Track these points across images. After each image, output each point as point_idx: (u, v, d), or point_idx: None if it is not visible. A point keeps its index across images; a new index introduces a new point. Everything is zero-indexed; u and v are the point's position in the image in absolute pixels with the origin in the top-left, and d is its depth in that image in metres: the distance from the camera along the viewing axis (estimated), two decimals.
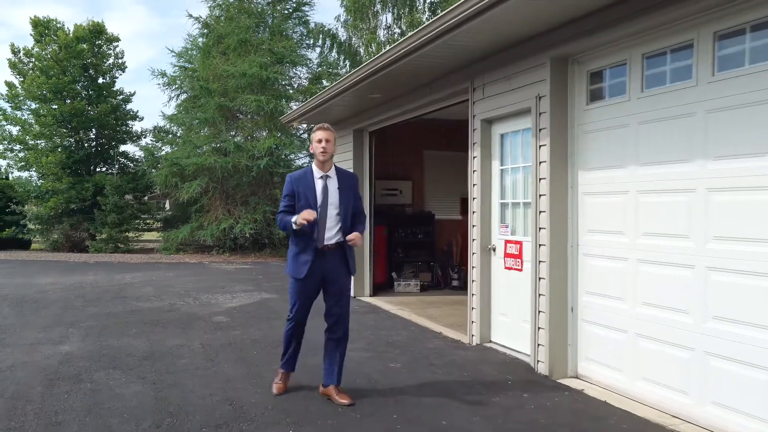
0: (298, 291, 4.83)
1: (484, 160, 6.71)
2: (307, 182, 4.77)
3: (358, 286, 10.55)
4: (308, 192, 4.74)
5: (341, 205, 4.79)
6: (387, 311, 9.14)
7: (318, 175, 4.80)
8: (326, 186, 4.78)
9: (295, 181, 4.81)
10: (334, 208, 4.76)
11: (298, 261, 4.78)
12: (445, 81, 7.37)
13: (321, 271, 4.78)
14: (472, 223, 6.90)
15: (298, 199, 4.76)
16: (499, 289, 6.59)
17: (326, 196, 4.76)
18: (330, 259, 4.79)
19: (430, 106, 8.21)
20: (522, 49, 5.88)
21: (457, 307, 9.52)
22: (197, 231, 19.24)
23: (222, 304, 9.84)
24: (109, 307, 9.48)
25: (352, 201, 4.88)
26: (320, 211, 4.69)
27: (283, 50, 19.62)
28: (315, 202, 4.72)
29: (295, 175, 4.86)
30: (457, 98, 7.49)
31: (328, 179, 4.81)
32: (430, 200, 12.34)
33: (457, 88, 7.19)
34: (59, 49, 21.51)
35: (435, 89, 7.66)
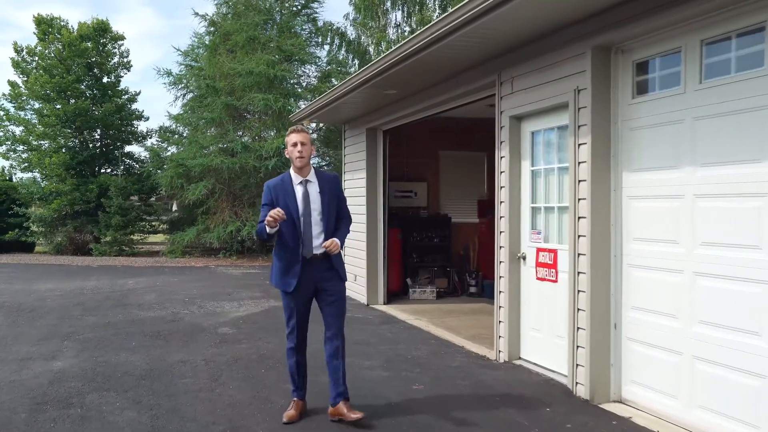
0: (291, 305, 4.58)
1: (512, 160, 6.15)
2: (286, 189, 4.53)
3: (372, 294, 10.01)
4: (288, 199, 4.50)
5: (324, 210, 4.55)
6: (403, 321, 8.59)
7: (297, 181, 4.55)
8: (306, 191, 4.54)
9: (273, 188, 4.56)
10: (317, 214, 4.53)
11: (285, 273, 4.54)
12: (468, 75, 6.82)
13: (311, 281, 4.54)
14: (499, 229, 6.34)
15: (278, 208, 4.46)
16: (530, 302, 6.02)
17: (308, 202, 4.52)
18: (319, 268, 4.54)
19: (451, 102, 7.65)
20: (558, 37, 5.32)
21: (478, 317, 8.96)
22: (203, 234, 18.74)
23: (228, 312, 9.31)
24: (108, 316, 8.96)
25: (335, 204, 4.63)
26: (303, 219, 4.48)
27: (292, 48, 19.10)
28: (296, 209, 4.49)
29: (272, 183, 4.60)
30: (481, 93, 6.94)
31: (308, 184, 4.57)
32: (446, 202, 11.78)
33: (482, 83, 6.63)
34: (63, 48, 21.05)
35: (457, 84, 7.10)
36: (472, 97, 7.20)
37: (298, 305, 4.56)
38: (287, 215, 4.37)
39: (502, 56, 6.14)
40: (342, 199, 4.75)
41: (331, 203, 4.59)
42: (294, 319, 4.59)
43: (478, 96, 7.04)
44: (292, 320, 4.60)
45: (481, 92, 6.93)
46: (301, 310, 4.59)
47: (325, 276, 4.55)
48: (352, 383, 5.39)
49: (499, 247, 6.34)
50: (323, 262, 4.55)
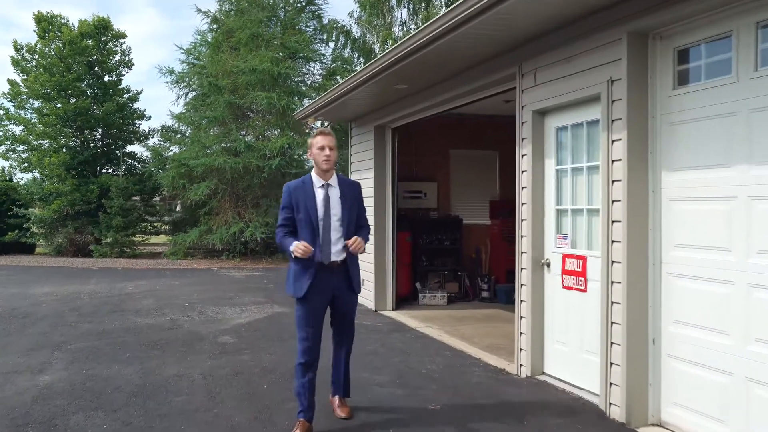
0: (304, 315, 4.36)
1: (535, 158, 5.67)
2: (307, 192, 4.40)
3: (380, 299, 9.54)
4: (308, 202, 4.36)
5: (345, 216, 4.42)
6: (414, 329, 8.11)
7: (318, 184, 4.43)
8: (327, 195, 4.41)
9: (293, 191, 4.43)
10: (337, 220, 4.40)
11: (298, 278, 4.36)
12: (486, 67, 6.34)
13: (327, 288, 4.40)
14: (520, 233, 5.86)
15: (297, 211, 4.38)
16: (555, 312, 5.54)
17: (328, 206, 4.39)
18: (336, 276, 4.41)
19: (466, 97, 7.18)
20: (589, 23, 4.84)
21: (492, 324, 8.49)
22: (206, 235, 18.29)
23: (229, 319, 8.85)
24: (104, 323, 8.51)
25: (356, 212, 4.52)
26: (322, 223, 4.35)
27: (296, 45, 18.64)
28: (315, 213, 4.35)
29: (293, 185, 4.48)
30: (499, 87, 6.47)
31: (329, 188, 4.43)
32: (457, 203, 11.30)
33: (500, 75, 6.15)
34: (63, 46, 20.63)
35: (473, 77, 6.63)
36: (489, 91, 6.73)
37: (311, 313, 4.34)
38: (306, 217, 4.31)
39: (524, 46, 5.67)
40: (363, 209, 4.62)
41: (352, 209, 4.46)
42: (306, 330, 4.33)
43: (496, 90, 6.57)
44: (304, 332, 4.34)
45: (500, 86, 6.46)
46: (315, 320, 4.37)
47: (340, 284, 4.42)
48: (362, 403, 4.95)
49: (520, 252, 5.86)
50: (341, 269, 4.41)
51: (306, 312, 4.34)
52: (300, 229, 4.36)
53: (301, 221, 4.35)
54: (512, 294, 10.49)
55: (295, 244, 4.19)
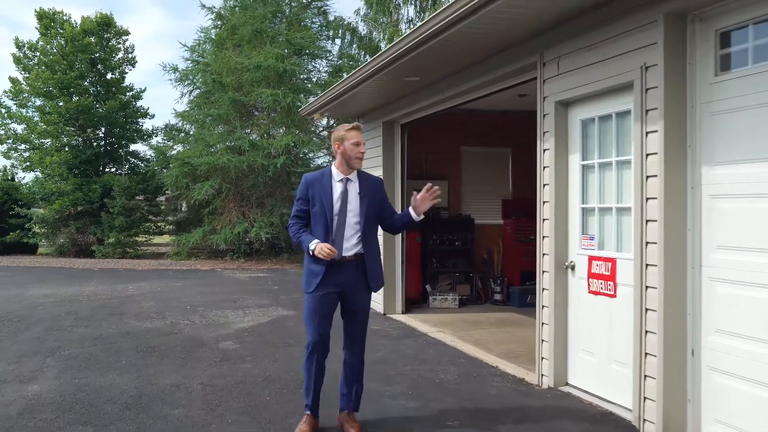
0: (311, 308, 4.27)
1: (558, 153, 5.28)
2: (324, 185, 4.28)
3: (389, 302, 9.16)
4: (324, 196, 4.25)
5: (362, 212, 4.28)
6: (425, 334, 7.73)
7: (338, 178, 4.30)
8: (346, 190, 4.28)
9: (310, 183, 4.32)
10: (353, 216, 4.27)
11: (309, 273, 4.27)
12: (503, 56, 5.95)
13: (337, 285, 4.25)
14: (542, 234, 5.47)
15: (312, 204, 4.28)
16: (580, 319, 5.15)
17: (345, 201, 4.26)
18: (348, 273, 4.26)
19: (481, 89, 6.80)
20: (620, 5, 4.45)
21: (507, 329, 8.11)
22: (210, 235, 17.93)
23: (232, 323, 8.48)
24: (101, 327, 8.16)
25: (375, 209, 4.36)
26: (337, 218, 4.23)
27: (302, 41, 18.27)
28: (331, 208, 4.24)
29: (311, 177, 4.37)
30: (518, 77, 6.08)
31: (348, 183, 4.31)
32: (468, 202, 10.91)
33: (520, 64, 5.77)
34: (65, 43, 20.31)
35: (489, 67, 6.24)
36: (506, 83, 6.34)
37: (320, 308, 4.24)
38: (320, 211, 4.21)
39: (546, 32, 5.28)
40: (388, 202, 4.53)
41: (371, 206, 4.31)
42: (314, 322, 4.25)
43: (514, 81, 6.18)
44: (312, 325, 4.26)
45: (518, 76, 6.07)
46: (324, 316, 4.26)
47: (352, 281, 4.28)
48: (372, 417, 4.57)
49: (542, 254, 5.48)
50: (354, 265, 4.27)
51: (313, 306, 4.24)
52: (314, 223, 4.26)
53: (315, 215, 4.24)
54: (527, 297, 10.13)
55: (319, 247, 4.07)
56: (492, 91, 6.73)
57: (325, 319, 4.27)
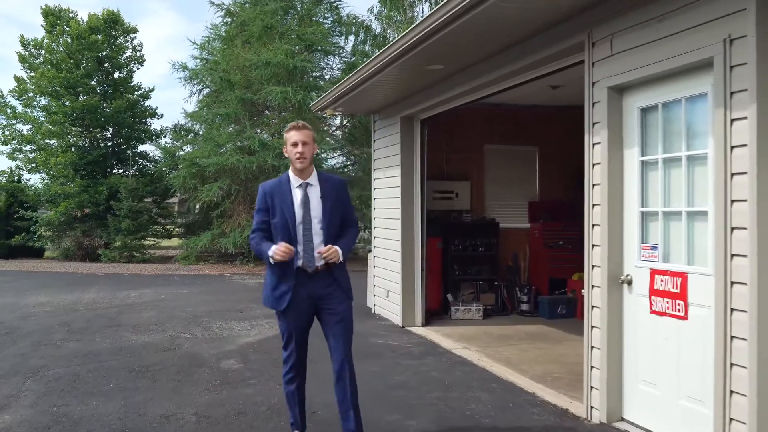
0: (286, 325, 4.02)
1: (612, 147, 4.49)
2: (283, 193, 3.97)
3: (408, 314, 8.40)
4: (284, 205, 3.94)
5: (326, 217, 3.98)
6: (449, 352, 6.96)
7: (296, 184, 3.99)
8: (306, 196, 3.98)
9: (269, 192, 4.01)
10: (318, 222, 3.97)
11: (276, 289, 3.97)
12: (542, 37, 5.18)
13: (311, 298, 3.96)
14: (591, 242, 4.68)
15: (273, 214, 3.97)
16: (639, 344, 4.36)
17: (307, 208, 3.96)
18: (319, 283, 3.97)
19: (514, 78, 6.02)
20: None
21: (539, 345, 7.32)
22: (218, 239, 17.25)
23: (236, 337, 7.76)
24: (94, 341, 7.47)
25: (339, 212, 4.06)
26: (302, 227, 3.94)
27: (313, 36, 17.55)
28: (293, 216, 3.93)
29: (267, 186, 4.07)
30: (559, 62, 5.29)
31: (308, 187, 4.00)
32: (492, 205, 10.12)
33: (562, 46, 4.99)
34: (71, 41, 19.73)
35: (525, 51, 5.47)
36: (545, 69, 5.55)
37: (295, 326, 3.99)
38: (282, 221, 3.91)
39: (597, 5, 4.50)
40: (349, 207, 4.19)
41: (334, 210, 4.02)
42: (291, 343, 4.02)
43: (555, 66, 5.39)
44: (290, 344, 4.03)
45: (559, 60, 5.29)
46: (299, 332, 4.01)
47: (327, 293, 3.98)
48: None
49: (591, 266, 4.68)
50: (324, 276, 3.99)
51: (289, 326, 3.99)
52: (275, 235, 3.94)
53: (276, 226, 3.94)
54: (557, 307, 9.33)
55: (273, 248, 3.79)
56: (526, 79, 5.95)
57: (302, 335, 4.02)
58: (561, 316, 9.09)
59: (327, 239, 3.96)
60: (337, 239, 4.01)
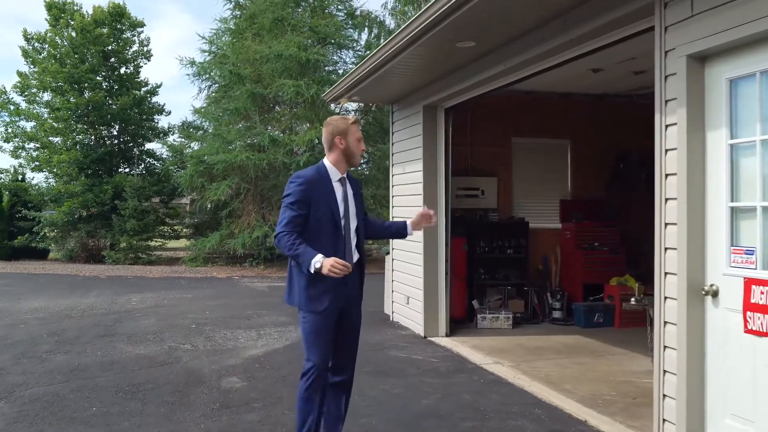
0: (317, 330, 3.59)
1: (692, 129, 3.67)
2: (326, 187, 3.62)
3: (431, 323, 7.62)
4: (330, 200, 3.60)
5: (359, 213, 3.80)
6: (480, 368, 6.16)
7: (335, 177, 3.70)
8: (346, 192, 3.73)
9: (310, 183, 3.57)
10: (353, 220, 3.75)
11: (315, 288, 3.54)
12: (599, 1, 4.37)
13: (341, 300, 3.65)
14: (663, 244, 3.87)
15: (316, 207, 3.57)
16: (729, 369, 3.54)
17: (347, 205, 3.71)
18: (351, 285, 3.69)
19: (558, 54, 5.21)
20: None
21: (580, 360, 6.51)
22: (227, 240, 16.53)
23: (242, 349, 7.01)
24: (83, 354, 6.74)
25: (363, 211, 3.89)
26: (344, 222, 3.66)
27: (326, 28, 16.80)
28: (337, 210, 3.62)
29: (308, 176, 3.61)
30: (617, 31, 4.49)
31: (345, 182, 3.75)
32: (520, 203, 9.30)
33: (624, 11, 4.18)
34: (76, 35, 19.08)
35: (574, 22, 4.66)
36: (598, 41, 4.75)
37: (326, 330, 3.60)
38: (328, 218, 3.56)
39: None
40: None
41: (361, 208, 3.84)
42: (320, 346, 3.58)
43: (612, 36, 4.58)
44: (318, 347, 3.57)
45: (616, 30, 4.49)
46: (328, 336, 3.63)
47: (353, 294, 3.73)
48: None
49: (663, 273, 3.87)
50: (357, 276, 3.73)
51: (321, 325, 3.57)
52: (316, 232, 3.52)
53: (320, 222, 3.54)
54: (594, 315, 8.47)
55: (328, 263, 3.30)
56: (573, 56, 5.15)
57: (330, 343, 3.66)
58: (598, 324, 8.27)
59: (359, 236, 3.77)
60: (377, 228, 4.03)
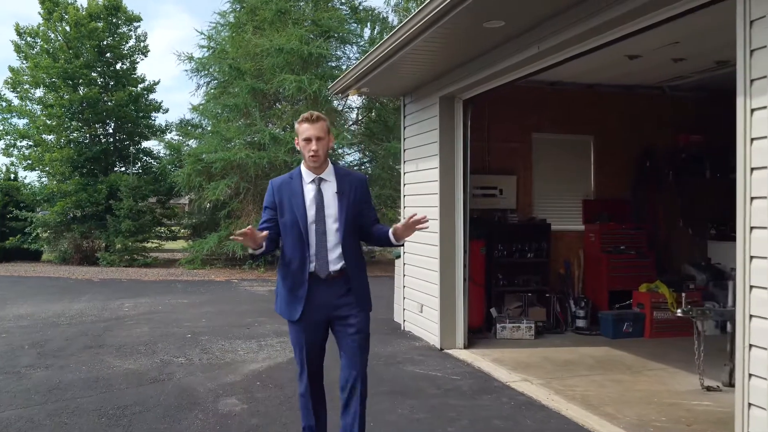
0: (298, 337, 3.53)
1: None
2: (293, 189, 3.51)
3: (447, 333, 6.99)
4: (294, 200, 3.48)
5: (342, 216, 3.47)
6: (507, 387, 5.52)
7: (308, 179, 3.52)
8: (320, 192, 3.50)
9: (276, 188, 3.55)
10: (333, 222, 3.48)
11: (290, 296, 3.49)
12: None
13: (324, 307, 3.47)
14: (748, 252, 3.23)
15: (281, 213, 3.51)
16: None
17: (321, 205, 3.47)
18: (334, 291, 3.47)
19: (608, 31, 4.57)
20: None
21: (617, 377, 5.88)
22: (226, 241, 15.86)
23: (241, 363, 6.37)
24: (66, 369, 6.09)
25: (358, 211, 3.54)
26: (315, 227, 3.46)
27: (330, 21, 16.16)
28: (304, 215, 3.45)
29: (277, 182, 3.60)
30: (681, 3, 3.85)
31: (322, 183, 3.52)
32: (541, 203, 8.65)
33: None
34: (70, 29, 18.42)
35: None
36: (655, 15, 4.11)
37: (308, 339, 3.53)
38: (291, 220, 3.47)
39: None
40: (370, 206, 3.69)
41: (351, 208, 3.53)
42: (304, 357, 3.56)
43: (674, 8, 3.95)
44: (302, 359, 3.58)
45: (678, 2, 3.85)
46: (312, 345, 3.56)
47: (342, 302, 3.50)
48: None
49: (747, 287, 3.23)
50: (340, 283, 3.51)
51: (301, 332, 3.52)
52: (285, 235, 3.53)
53: (286, 225, 3.51)
54: (622, 325, 7.80)
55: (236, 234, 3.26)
56: (621, 34, 4.53)
57: (317, 349, 3.58)
58: (626, 335, 7.64)
59: (344, 241, 3.47)
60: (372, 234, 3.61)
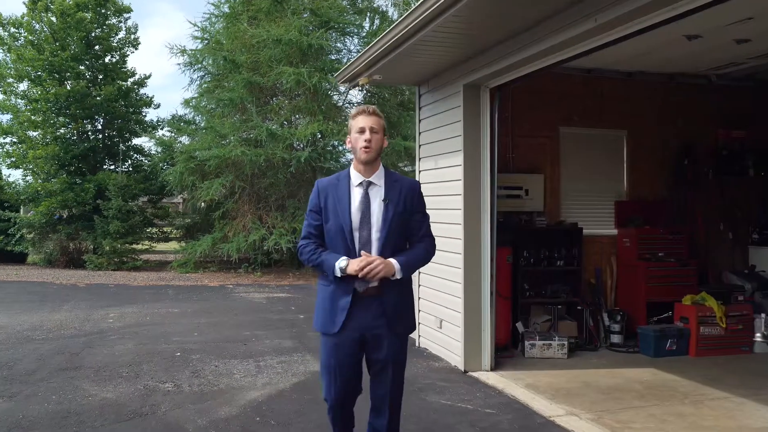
0: (331, 354, 3.19)
1: None
2: (340, 192, 3.22)
3: (472, 353, 6.16)
4: (340, 205, 3.19)
5: (386, 225, 3.16)
6: (553, 423, 4.68)
7: (356, 181, 3.25)
8: (367, 197, 3.21)
9: (322, 190, 3.29)
10: (376, 231, 3.17)
11: (329, 309, 3.19)
12: None
13: (360, 327, 3.16)
14: None
15: (326, 218, 3.22)
16: None
17: (367, 212, 3.18)
18: (372, 310, 3.15)
19: (666, 6, 3.75)
20: None
21: (678, 410, 5.04)
22: (220, 243, 15.01)
23: (237, 389, 5.51)
24: (33, 399, 5.22)
25: (406, 221, 3.23)
26: (358, 234, 3.15)
27: (329, 11, 15.31)
28: (348, 220, 3.15)
29: (323, 183, 3.33)
30: None
31: (370, 186, 3.23)
32: (569, 205, 7.83)
33: None
34: (56, 19, 17.49)
35: None
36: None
37: (344, 355, 3.16)
38: (336, 226, 3.16)
39: None
40: (422, 215, 3.32)
41: (397, 218, 3.17)
42: (336, 381, 3.17)
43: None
44: (332, 384, 3.19)
45: None
46: (347, 366, 3.18)
47: (376, 322, 3.14)
48: None
49: None
50: (377, 303, 3.14)
51: (335, 348, 3.15)
52: (329, 243, 3.19)
53: (330, 232, 3.18)
54: (665, 342, 6.96)
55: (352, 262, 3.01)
56: (698, 5, 3.69)
57: (351, 370, 3.21)
58: (669, 353, 6.83)
59: (383, 253, 3.14)
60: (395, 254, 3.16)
